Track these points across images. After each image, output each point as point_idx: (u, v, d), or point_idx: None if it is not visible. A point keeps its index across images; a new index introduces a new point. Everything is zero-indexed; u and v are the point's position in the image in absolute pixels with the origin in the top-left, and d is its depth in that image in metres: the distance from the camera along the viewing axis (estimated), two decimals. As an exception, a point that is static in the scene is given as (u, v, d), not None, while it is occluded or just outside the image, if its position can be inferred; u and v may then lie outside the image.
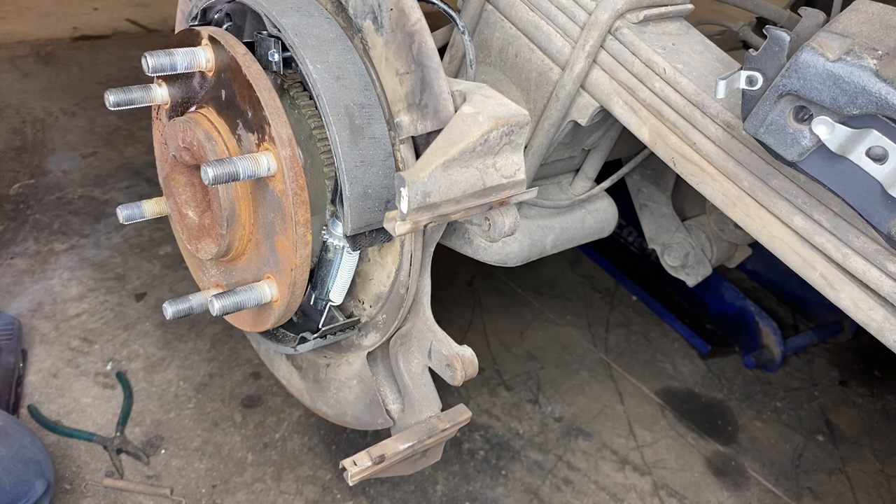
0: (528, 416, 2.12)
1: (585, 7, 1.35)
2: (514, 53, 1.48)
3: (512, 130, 1.11)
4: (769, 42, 1.00)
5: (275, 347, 1.54)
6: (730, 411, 2.25)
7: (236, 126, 1.28)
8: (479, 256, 1.61)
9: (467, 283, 2.58)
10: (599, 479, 1.97)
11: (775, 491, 2.01)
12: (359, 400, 1.55)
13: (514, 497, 1.89)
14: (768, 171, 1.17)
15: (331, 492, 1.83)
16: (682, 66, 1.28)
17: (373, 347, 1.46)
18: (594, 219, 1.76)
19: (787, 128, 1.01)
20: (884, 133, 0.94)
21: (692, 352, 2.45)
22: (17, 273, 2.34)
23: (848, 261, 1.11)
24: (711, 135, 1.24)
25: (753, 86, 1.02)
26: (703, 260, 1.97)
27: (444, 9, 1.32)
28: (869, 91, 0.92)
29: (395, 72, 1.19)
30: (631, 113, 1.34)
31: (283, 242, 1.27)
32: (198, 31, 1.30)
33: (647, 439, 2.11)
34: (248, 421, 1.97)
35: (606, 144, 1.66)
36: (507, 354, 2.33)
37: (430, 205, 1.06)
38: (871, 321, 1.11)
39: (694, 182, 1.28)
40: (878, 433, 2.23)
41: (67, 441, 1.85)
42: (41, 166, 2.82)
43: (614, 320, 2.54)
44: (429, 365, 1.40)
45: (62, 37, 3.87)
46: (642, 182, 1.99)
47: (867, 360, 2.48)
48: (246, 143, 1.26)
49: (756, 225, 1.22)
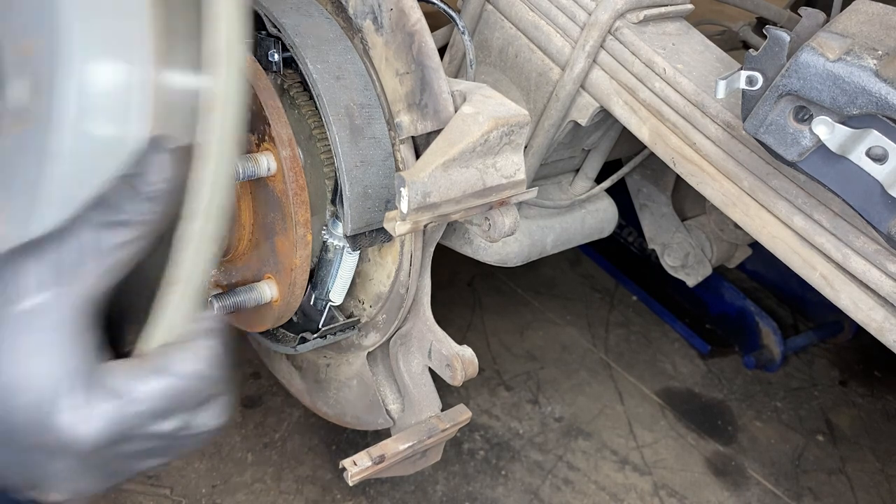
0: (528, 416, 2.12)
1: (585, 7, 1.35)
2: (514, 53, 1.48)
3: (512, 130, 1.11)
4: (769, 42, 1.00)
5: (275, 347, 1.54)
6: (730, 411, 2.25)
7: (236, 126, 1.27)
8: (479, 256, 1.61)
9: (467, 283, 2.58)
10: (599, 479, 1.97)
11: (775, 491, 2.01)
12: (359, 400, 1.55)
13: (514, 497, 1.89)
14: (768, 171, 1.17)
15: (331, 492, 1.83)
16: (682, 66, 1.28)
17: (373, 347, 1.46)
18: (594, 219, 1.76)
19: (787, 128, 1.01)
20: (884, 133, 0.94)
21: (692, 352, 2.45)
22: (16, 273, 2.34)
23: (848, 261, 1.11)
24: (711, 135, 1.24)
25: (753, 86, 1.02)
26: (703, 260, 1.97)
27: (444, 9, 1.32)
28: (869, 91, 0.92)
29: (395, 72, 1.19)
30: (631, 113, 1.34)
31: (283, 242, 1.27)
32: (198, 31, 1.29)
33: (647, 439, 2.11)
34: (248, 421, 1.97)
35: (606, 144, 1.66)
36: (507, 354, 2.33)
37: (430, 205, 1.06)
38: (871, 321, 1.11)
39: (694, 182, 1.28)
40: (879, 433, 2.23)
41: (67, 441, 1.85)
42: (41, 166, 2.82)
43: (614, 320, 2.54)
44: (429, 365, 1.40)
45: (62, 37, 3.87)
46: (642, 182, 1.99)
47: (867, 360, 2.48)
48: (246, 143, 1.26)
49: (756, 225, 1.22)
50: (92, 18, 0.82)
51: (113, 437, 0.70)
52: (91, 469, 0.73)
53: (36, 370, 0.69)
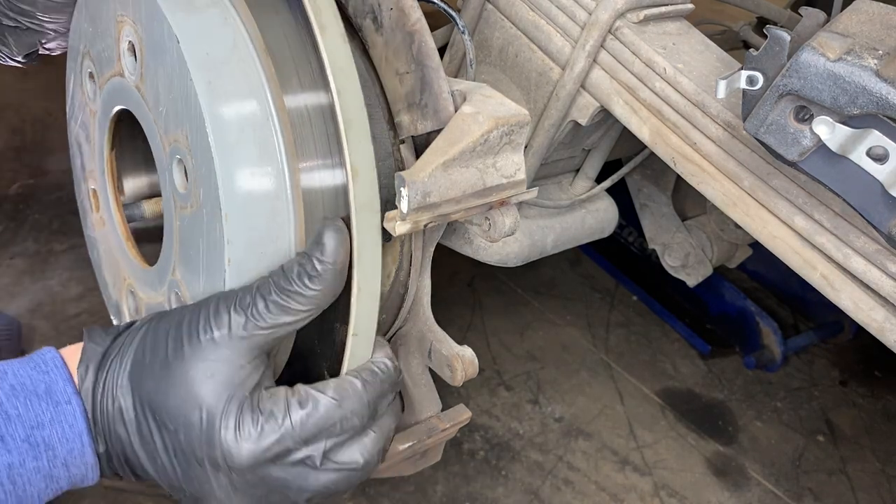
0: (528, 416, 2.12)
1: (586, 7, 1.34)
2: (514, 53, 1.48)
3: (512, 130, 1.11)
4: (769, 42, 1.00)
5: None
6: (730, 412, 2.25)
7: (236, 126, 1.27)
8: (479, 256, 1.61)
9: (467, 283, 2.58)
10: (600, 480, 1.97)
11: (776, 491, 2.01)
12: (359, 400, 1.55)
13: (514, 497, 1.89)
14: (769, 170, 1.17)
15: (331, 492, 1.83)
16: (683, 66, 1.27)
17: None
18: (594, 219, 1.75)
19: (787, 128, 1.01)
20: (884, 133, 0.94)
21: (692, 352, 2.44)
22: (16, 273, 2.34)
23: (848, 261, 1.11)
24: (712, 135, 1.23)
25: (754, 86, 1.02)
26: (703, 260, 1.97)
27: (444, 8, 1.32)
28: (870, 91, 0.92)
29: (394, 71, 1.19)
30: (631, 113, 1.34)
31: (283, 242, 1.27)
32: (197, 30, 1.30)
33: (647, 440, 2.10)
34: (248, 421, 1.97)
35: (607, 144, 1.66)
36: (507, 354, 2.33)
37: (430, 205, 1.06)
38: (871, 321, 1.11)
39: (694, 182, 1.28)
40: (879, 433, 2.23)
41: (67, 441, 1.85)
42: (41, 166, 2.82)
43: (614, 320, 2.54)
44: (429, 365, 1.39)
45: (62, 37, 3.86)
46: (642, 182, 1.99)
47: (868, 361, 2.48)
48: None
49: (756, 225, 1.21)
50: (231, 120, 1.00)
51: (265, 454, 0.80)
52: (244, 489, 0.82)
53: (207, 390, 0.81)
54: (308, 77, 1.02)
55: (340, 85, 0.94)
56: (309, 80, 1.02)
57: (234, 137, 0.98)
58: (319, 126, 1.01)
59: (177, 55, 1.00)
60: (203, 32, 1.02)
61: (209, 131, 0.97)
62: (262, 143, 1.00)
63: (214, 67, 1.00)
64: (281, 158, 1.01)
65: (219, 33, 1.03)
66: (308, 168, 1.02)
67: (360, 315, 0.95)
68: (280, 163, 1.01)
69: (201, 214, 1.02)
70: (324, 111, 1.00)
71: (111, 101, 1.24)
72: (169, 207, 1.11)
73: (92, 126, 1.35)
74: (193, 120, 0.99)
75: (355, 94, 0.95)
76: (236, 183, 0.98)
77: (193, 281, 1.08)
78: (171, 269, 1.15)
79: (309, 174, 1.02)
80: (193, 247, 1.05)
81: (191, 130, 1.00)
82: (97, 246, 1.49)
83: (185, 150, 1.03)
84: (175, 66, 1.01)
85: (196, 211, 1.03)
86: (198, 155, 1.00)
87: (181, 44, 0.99)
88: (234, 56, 1.02)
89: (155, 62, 1.07)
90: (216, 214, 0.98)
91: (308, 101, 1.02)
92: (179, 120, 1.03)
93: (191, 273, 1.08)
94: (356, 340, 0.96)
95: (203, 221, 1.02)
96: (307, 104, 1.02)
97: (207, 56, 1.00)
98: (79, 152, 1.49)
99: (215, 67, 1.00)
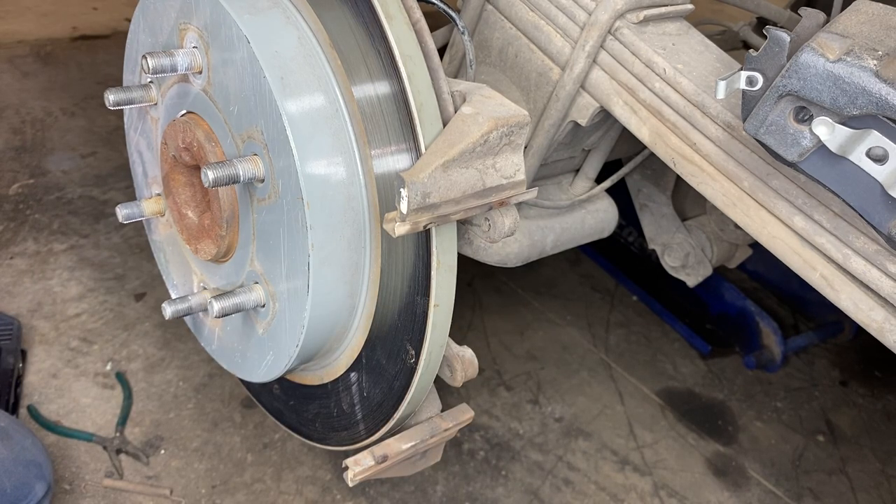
0: (528, 416, 2.12)
1: (585, 7, 1.34)
2: (514, 53, 1.48)
3: (512, 131, 1.11)
4: (769, 42, 1.00)
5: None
6: (730, 412, 2.25)
7: (236, 126, 1.28)
8: (479, 257, 1.61)
9: (467, 283, 2.58)
10: (600, 480, 1.97)
11: (776, 491, 2.01)
12: (359, 400, 1.55)
13: (514, 497, 1.89)
14: (768, 171, 1.17)
15: (330, 492, 1.83)
16: (682, 67, 1.27)
17: (373, 348, 1.46)
18: (594, 219, 1.75)
19: (787, 128, 1.01)
20: (884, 133, 0.94)
21: (692, 352, 2.44)
22: (16, 273, 2.34)
23: (848, 261, 1.11)
24: (711, 135, 1.23)
25: (753, 86, 1.02)
26: (703, 260, 1.97)
27: (444, 9, 1.32)
28: (869, 91, 0.92)
29: (394, 72, 1.19)
30: (631, 113, 1.34)
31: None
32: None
33: (647, 440, 2.11)
34: (248, 421, 1.97)
35: (606, 144, 1.66)
36: (507, 354, 2.33)
37: (430, 205, 1.06)
38: (871, 321, 1.11)
39: (694, 182, 1.28)
40: (879, 433, 2.23)
41: (67, 441, 1.85)
42: (41, 166, 2.82)
43: (614, 320, 2.54)
44: (429, 365, 1.39)
45: (62, 36, 3.86)
46: (642, 182, 1.99)
47: (867, 361, 2.48)
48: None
49: (756, 225, 1.21)
50: (305, 113, 1.06)
51: None
52: None
53: None
54: (377, 66, 1.06)
55: (410, 71, 1.01)
56: (378, 68, 1.06)
57: (308, 129, 1.03)
58: (391, 112, 1.06)
59: (247, 55, 1.05)
60: (270, 32, 1.07)
61: (286, 125, 1.02)
62: (334, 132, 1.06)
63: (284, 64, 1.05)
64: (352, 147, 1.08)
65: (283, 32, 1.08)
66: (380, 154, 1.09)
67: (441, 286, 1.06)
68: (352, 151, 1.08)
69: (281, 205, 1.08)
70: (395, 98, 1.05)
71: (175, 107, 1.28)
72: (244, 202, 1.18)
73: (154, 133, 1.40)
74: (269, 116, 1.04)
75: (424, 79, 1.02)
76: (314, 172, 1.04)
77: (274, 268, 1.16)
78: (248, 260, 1.22)
79: (381, 160, 1.09)
80: (274, 236, 1.12)
81: (266, 126, 1.06)
82: (164, 248, 1.54)
83: (261, 146, 1.08)
84: (246, 66, 1.06)
85: (275, 202, 1.09)
86: (275, 148, 1.05)
87: (252, 44, 1.04)
88: (300, 52, 1.07)
89: (224, 64, 1.12)
90: (297, 203, 1.04)
91: (378, 90, 1.07)
92: (253, 117, 1.08)
93: (271, 261, 1.16)
94: (437, 311, 1.07)
95: (283, 211, 1.08)
96: (377, 93, 1.07)
97: (276, 54, 1.05)
98: (140, 160, 1.54)
99: (285, 64, 1.05)
